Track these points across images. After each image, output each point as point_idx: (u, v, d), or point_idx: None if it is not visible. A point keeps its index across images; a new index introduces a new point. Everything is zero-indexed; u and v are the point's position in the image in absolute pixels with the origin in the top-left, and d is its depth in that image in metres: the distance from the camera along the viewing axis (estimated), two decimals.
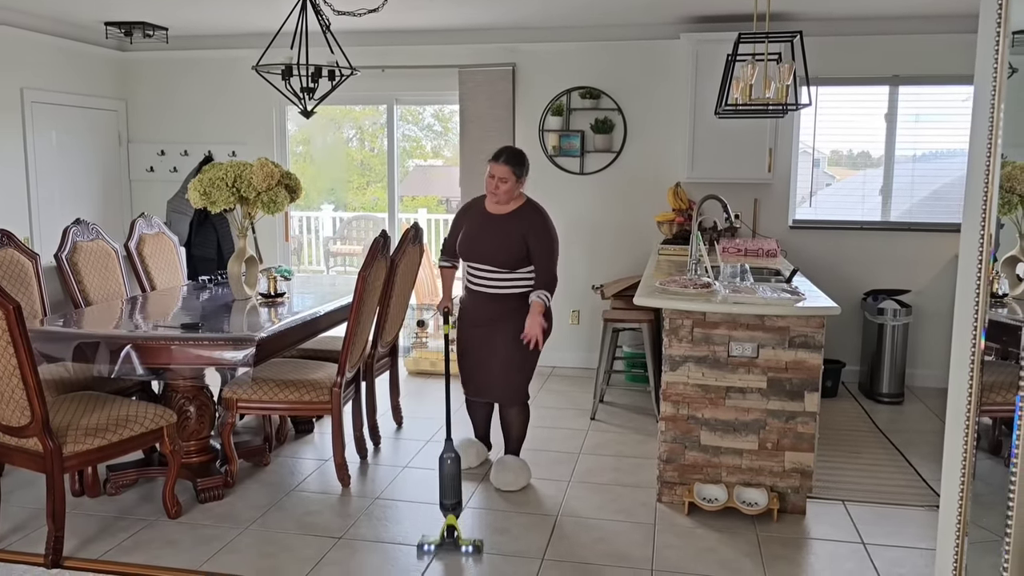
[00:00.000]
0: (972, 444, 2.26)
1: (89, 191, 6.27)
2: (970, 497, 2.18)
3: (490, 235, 3.71)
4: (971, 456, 2.28)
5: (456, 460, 3.26)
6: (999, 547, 1.86)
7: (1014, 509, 1.83)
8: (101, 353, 3.38)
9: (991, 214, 2.36)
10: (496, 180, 3.65)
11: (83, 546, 3.22)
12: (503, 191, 3.66)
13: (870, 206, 5.82)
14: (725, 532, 3.38)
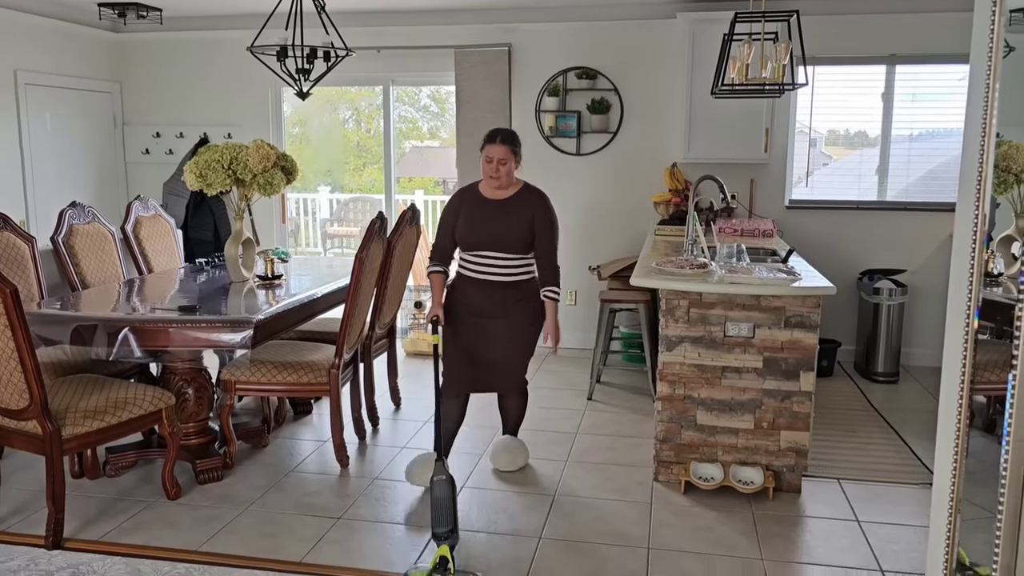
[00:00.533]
0: (965, 422, 2.27)
1: (84, 174, 6.25)
2: (963, 474, 2.20)
3: (497, 220, 3.56)
4: (964, 434, 2.30)
5: (450, 483, 2.96)
6: (991, 524, 1.89)
7: (1006, 486, 1.84)
8: (99, 336, 3.38)
9: (985, 193, 2.37)
10: (496, 163, 3.52)
11: (83, 527, 3.24)
12: (504, 173, 3.53)
13: (866, 186, 5.82)
14: (721, 510, 3.41)
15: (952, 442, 2.28)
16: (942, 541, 2.32)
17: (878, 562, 3.00)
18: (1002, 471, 1.96)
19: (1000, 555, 1.37)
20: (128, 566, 2.92)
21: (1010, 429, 2.01)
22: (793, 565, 2.98)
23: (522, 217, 3.57)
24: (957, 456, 2.27)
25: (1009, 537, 1.53)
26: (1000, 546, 1.70)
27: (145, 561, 2.96)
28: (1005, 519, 1.49)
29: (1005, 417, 2.01)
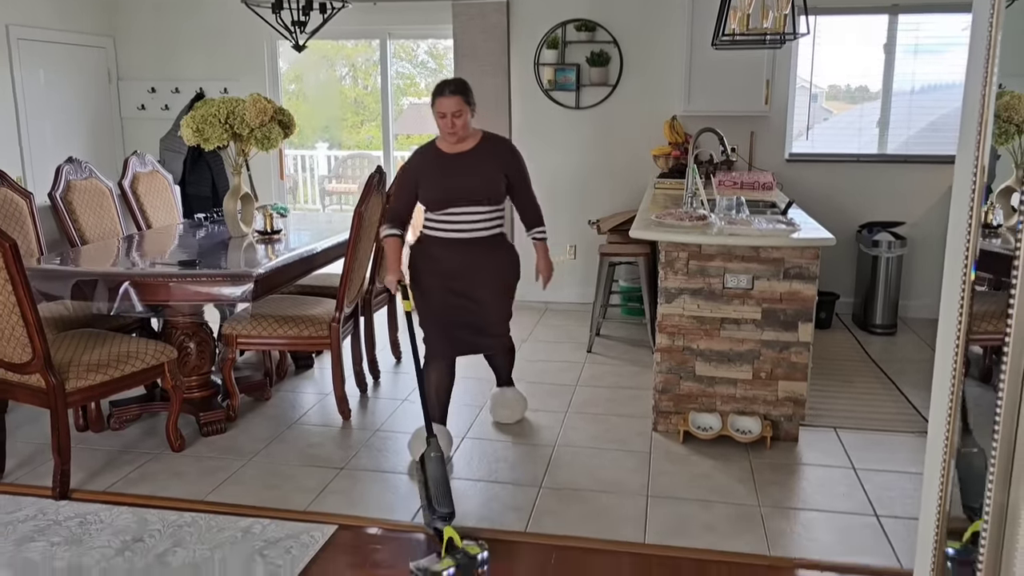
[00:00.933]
0: (961, 370, 2.29)
1: (80, 130, 6.20)
2: (958, 423, 2.22)
3: (464, 174, 3.35)
4: (959, 381, 2.32)
5: (442, 459, 2.87)
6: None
7: (999, 433, 1.86)
8: (100, 291, 3.39)
9: (985, 143, 2.36)
10: (450, 117, 3.26)
11: (89, 479, 3.29)
12: (461, 125, 3.29)
13: (867, 139, 5.78)
14: (719, 459, 3.46)
15: (948, 389, 2.31)
16: (935, 487, 2.36)
17: (873, 508, 3.05)
18: (995, 417, 1.98)
19: (992, 495, 1.39)
20: (135, 515, 2.97)
21: (1005, 377, 2.02)
22: (790, 511, 3.03)
23: (490, 167, 3.39)
24: (952, 402, 2.30)
25: (1001, 484, 1.55)
26: (992, 493, 1.74)
27: (152, 511, 3.01)
28: (998, 466, 1.52)
29: (1000, 367, 2.03)
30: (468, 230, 3.39)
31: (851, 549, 2.77)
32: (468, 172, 3.36)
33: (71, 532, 2.85)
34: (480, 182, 3.36)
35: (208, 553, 2.71)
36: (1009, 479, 1.43)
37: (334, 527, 2.88)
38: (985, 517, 1.37)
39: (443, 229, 3.40)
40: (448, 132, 3.31)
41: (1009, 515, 1.35)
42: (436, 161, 3.40)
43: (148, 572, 2.61)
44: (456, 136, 3.33)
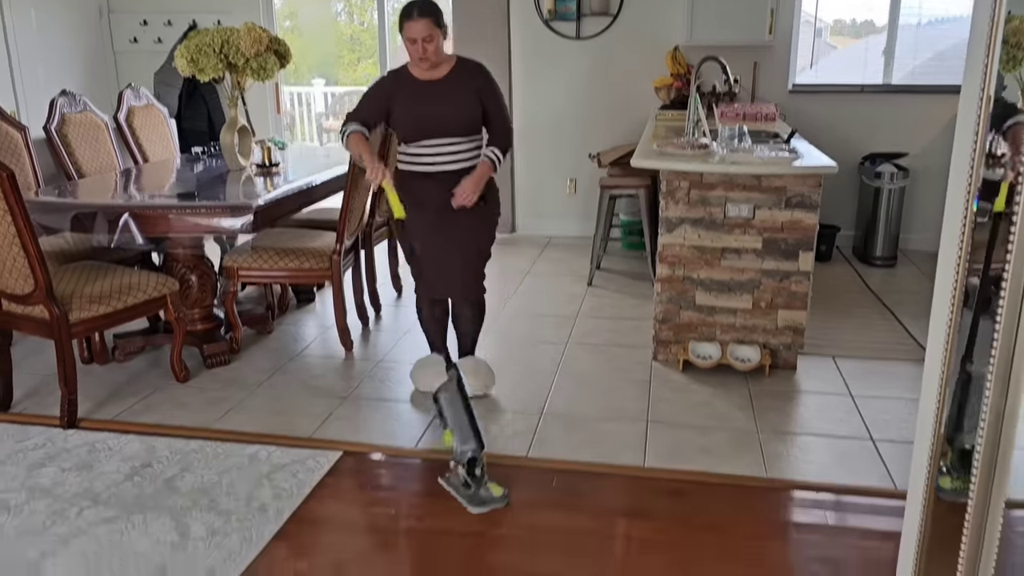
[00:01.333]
0: (960, 295, 2.30)
1: (73, 66, 6.10)
2: (955, 346, 2.24)
3: (439, 102, 3.12)
4: (959, 305, 2.33)
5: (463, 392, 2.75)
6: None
7: (995, 358, 1.88)
8: (99, 223, 3.38)
9: (992, 69, 2.32)
10: (420, 42, 3.00)
11: (96, 409, 3.33)
12: (432, 51, 3.02)
13: (872, 70, 5.69)
14: (718, 387, 3.50)
15: (946, 315, 2.32)
16: (932, 409, 2.39)
17: (869, 432, 3.09)
18: (993, 342, 1.99)
19: (988, 413, 1.41)
20: (143, 443, 3.01)
21: (1004, 304, 2.03)
22: (787, 436, 3.08)
23: (466, 94, 3.14)
24: (950, 328, 2.31)
25: (996, 407, 1.57)
26: (986, 418, 1.75)
27: (159, 438, 3.05)
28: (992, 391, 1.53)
29: (999, 295, 2.03)
30: (443, 163, 3.16)
31: (847, 471, 2.82)
32: (441, 101, 3.12)
33: (80, 459, 2.90)
34: (454, 111, 3.13)
35: (216, 477, 2.76)
36: (1005, 399, 1.45)
37: (339, 453, 2.93)
38: (982, 424, 1.39)
39: (417, 163, 3.18)
40: (419, 59, 3.06)
41: (1006, 422, 1.37)
42: (409, 88, 3.15)
43: (158, 495, 2.66)
44: (428, 63, 3.07)
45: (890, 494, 2.67)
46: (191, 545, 2.39)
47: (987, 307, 1.72)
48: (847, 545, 2.41)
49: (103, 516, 2.54)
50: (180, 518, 2.53)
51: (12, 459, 2.90)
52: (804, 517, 2.57)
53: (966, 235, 2.30)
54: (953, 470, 2.22)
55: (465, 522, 2.54)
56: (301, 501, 2.63)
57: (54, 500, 2.63)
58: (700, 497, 2.66)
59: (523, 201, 6.21)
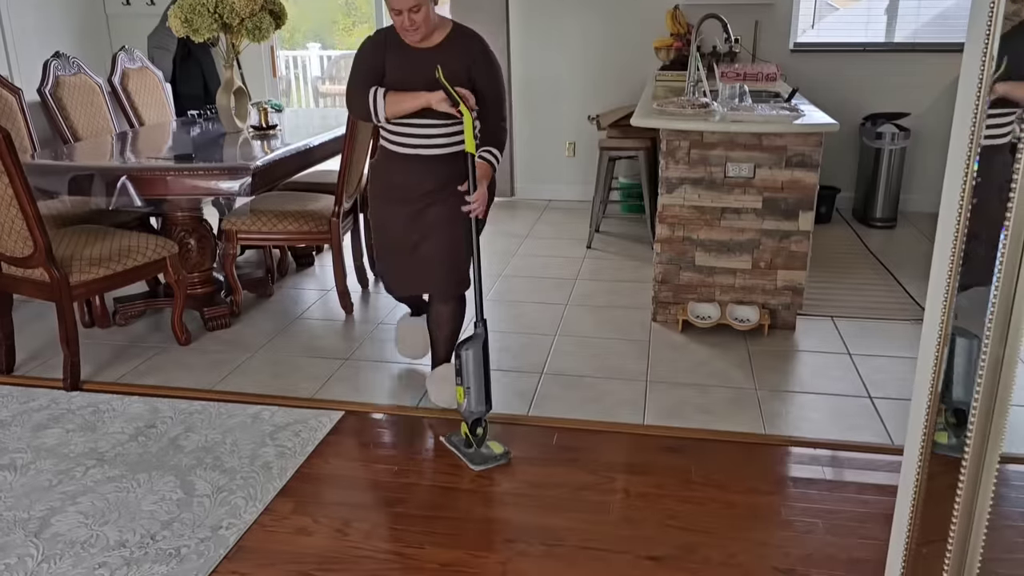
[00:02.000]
0: (959, 255, 2.30)
1: (64, 28, 6.03)
2: (953, 305, 2.25)
3: (424, 71, 2.70)
4: (957, 265, 2.33)
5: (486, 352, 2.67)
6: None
7: (997, 294, 1.88)
8: (96, 185, 3.37)
9: (997, 24, 2.30)
10: (407, 14, 2.60)
11: (98, 371, 3.35)
12: (422, 20, 2.63)
13: (874, 30, 5.63)
14: (717, 347, 3.52)
15: (946, 271, 2.33)
16: (930, 364, 2.41)
17: (867, 389, 3.12)
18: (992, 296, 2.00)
19: (989, 348, 1.42)
20: (146, 404, 3.04)
21: (1001, 269, 2.03)
22: (785, 394, 3.10)
23: (459, 66, 2.74)
24: (949, 284, 2.32)
25: (993, 365, 1.58)
26: (982, 376, 1.77)
27: (162, 400, 3.07)
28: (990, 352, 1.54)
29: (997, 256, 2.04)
30: (429, 145, 2.79)
31: (844, 428, 2.85)
32: (429, 74, 2.68)
33: (85, 420, 2.92)
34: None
35: (219, 437, 2.79)
36: (1001, 359, 1.46)
37: (341, 412, 2.96)
38: (980, 372, 1.40)
39: (400, 143, 2.81)
40: (406, 31, 2.67)
41: (1004, 371, 1.38)
42: (399, 53, 2.75)
43: (163, 454, 2.68)
44: (419, 34, 2.68)
45: (887, 450, 2.70)
46: (196, 502, 2.42)
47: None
48: (844, 499, 2.44)
49: (108, 475, 2.57)
50: (184, 476, 2.56)
51: (17, 420, 2.93)
52: (802, 472, 2.60)
53: (966, 196, 2.30)
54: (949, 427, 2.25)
55: (467, 479, 2.57)
56: (304, 459, 2.66)
57: (60, 459, 2.66)
58: (699, 453, 2.69)
59: (522, 164, 6.18)
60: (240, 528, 2.30)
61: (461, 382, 2.66)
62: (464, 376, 2.64)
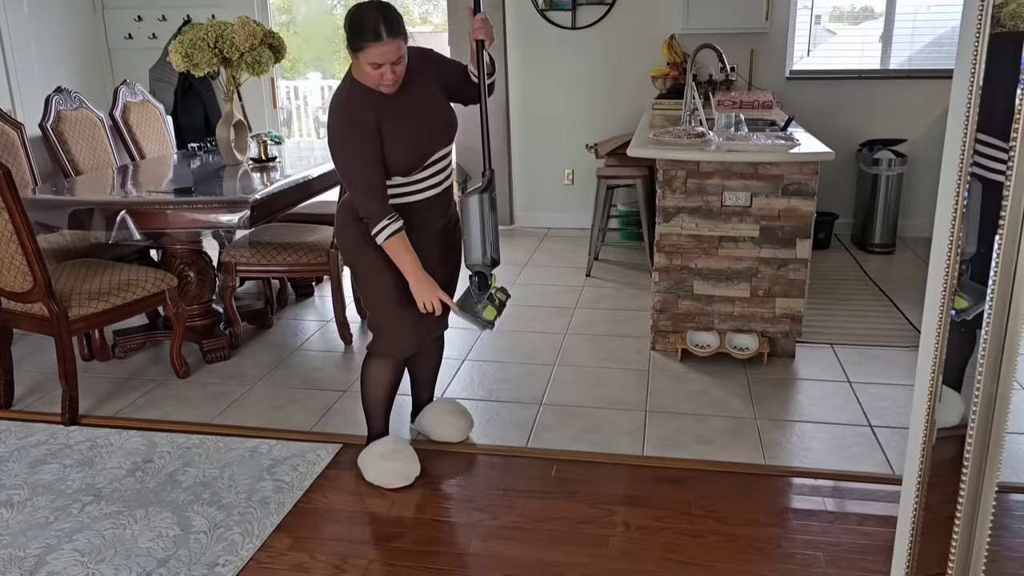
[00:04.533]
0: (952, 283, 2.30)
1: (67, 61, 6.09)
2: (947, 334, 2.25)
3: (426, 111, 2.51)
4: (950, 295, 2.33)
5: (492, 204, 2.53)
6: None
7: (988, 331, 1.88)
8: (96, 219, 3.38)
9: (981, 55, 2.32)
10: (388, 67, 2.35)
11: (97, 405, 3.34)
12: (401, 72, 2.40)
13: (869, 56, 5.68)
14: (717, 376, 3.51)
15: (938, 302, 2.33)
16: (925, 393, 2.40)
17: (867, 418, 3.11)
18: (985, 326, 2.00)
19: (982, 386, 1.42)
20: (144, 439, 3.03)
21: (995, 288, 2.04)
22: (785, 423, 3.09)
23: (433, 84, 2.57)
24: (942, 317, 2.32)
25: (989, 386, 1.58)
26: (979, 398, 1.77)
27: (160, 434, 3.06)
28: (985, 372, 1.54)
29: (991, 274, 2.04)
30: (445, 177, 2.65)
31: (845, 457, 2.83)
32: (426, 109, 2.51)
33: (82, 455, 2.91)
34: (442, 117, 2.57)
35: (217, 472, 2.78)
36: (997, 378, 1.46)
37: (339, 445, 2.94)
38: (974, 409, 1.40)
39: (419, 192, 2.57)
40: (387, 84, 2.39)
41: (998, 407, 1.38)
42: (391, 109, 2.45)
43: (160, 490, 2.67)
44: (398, 83, 2.42)
45: (888, 480, 2.68)
46: (193, 539, 2.41)
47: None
48: (845, 531, 2.42)
49: (105, 511, 2.55)
50: (182, 512, 2.54)
51: (15, 456, 2.92)
52: (802, 503, 2.58)
53: (957, 222, 2.30)
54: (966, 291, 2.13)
55: (465, 512, 2.55)
56: (302, 493, 2.65)
57: (57, 496, 2.65)
58: (698, 484, 2.67)
59: (520, 192, 6.20)
60: (237, 565, 2.29)
61: (491, 300, 2.58)
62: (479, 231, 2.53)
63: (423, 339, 2.72)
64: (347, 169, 2.46)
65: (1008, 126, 1.44)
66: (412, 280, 2.50)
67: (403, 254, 2.47)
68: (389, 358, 2.69)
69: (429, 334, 2.74)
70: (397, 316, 2.59)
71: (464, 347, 3.86)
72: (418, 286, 2.50)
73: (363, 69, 2.37)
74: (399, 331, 2.63)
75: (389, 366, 2.70)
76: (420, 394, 3.02)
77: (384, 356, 2.69)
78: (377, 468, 2.70)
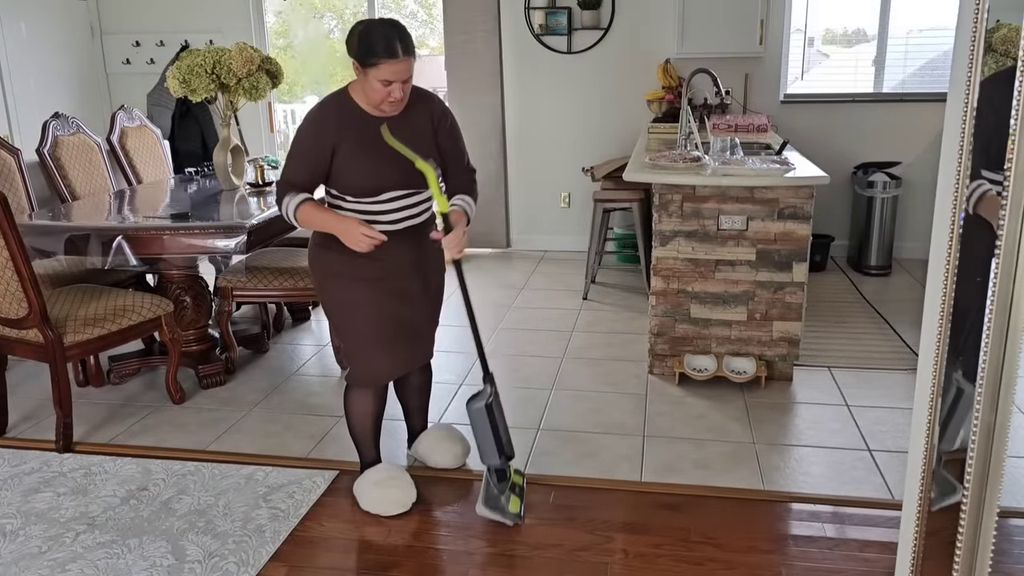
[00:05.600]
0: (949, 306, 2.31)
1: (65, 86, 6.12)
2: (945, 356, 2.25)
3: (404, 144, 2.41)
4: (947, 317, 2.33)
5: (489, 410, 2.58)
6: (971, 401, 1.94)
7: (986, 362, 1.88)
8: (93, 245, 3.38)
9: (975, 78, 2.34)
10: (398, 85, 2.35)
11: (92, 432, 3.32)
12: (407, 92, 2.41)
13: (863, 79, 5.73)
14: (714, 400, 3.50)
15: (936, 325, 2.33)
16: (924, 419, 2.40)
17: (866, 442, 3.10)
18: (984, 347, 2.00)
19: (981, 415, 1.41)
20: (139, 466, 3.00)
21: (992, 314, 2.04)
22: (783, 448, 3.08)
23: (424, 129, 2.53)
24: (940, 338, 2.32)
25: (988, 410, 1.58)
26: (979, 419, 1.77)
27: (155, 461, 3.04)
28: (984, 395, 1.54)
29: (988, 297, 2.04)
30: (406, 218, 2.55)
31: (844, 482, 2.82)
32: (404, 142, 2.41)
33: (76, 483, 2.89)
34: (422, 154, 2.45)
35: (212, 499, 2.75)
36: (996, 402, 1.45)
37: (335, 472, 2.92)
38: (973, 437, 1.39)
39: (385, 219, 2.51)
40: (393, 103, 2.39)
41: (996, 435, 1.37)
42: (359, 126, 2.42)
43: (154, 518, 2.65)
44: (402, 106, 2.43)
45: (888, 505, 2.67)
46: (187, 568, 2.38)
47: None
48: (845, 557, 2.40)
49: (99, 540, 2.53)
50: (176, 541, 2.52)
51: (8, 484, 2.89)
52: (802, 529, 2.57)
53: (954, 245, 2.30)
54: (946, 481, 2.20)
55: (463, 540, 2.53)
56: (298, 521, 2.62)
57: (50, 525, 2.62)
58: (697, 510, 2.65)
59: (517, 215, 6.22)
60: None
61: (512, 488, 2.62)
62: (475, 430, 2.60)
63: (401, 365, 2.67)
64: (288, 155, 2.50)
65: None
66: (337, 231, 2.42)
67: (316, 215, 2.44)
68: (368, 387, 2.66)
69: (410, 360, 2.70)
70: (370, 344, 2.58)
71: (460, 372, 3.85)
72: (345, 235, 2.41)
73: (371, 85, 2.36)
74: (374, 359, 2.60)
75: (370, 395, 2.67)
76: (413, 423, 3.00)
77: (363, 385, 2.66)
78: (373, 496, 2.68)
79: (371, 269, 2.52)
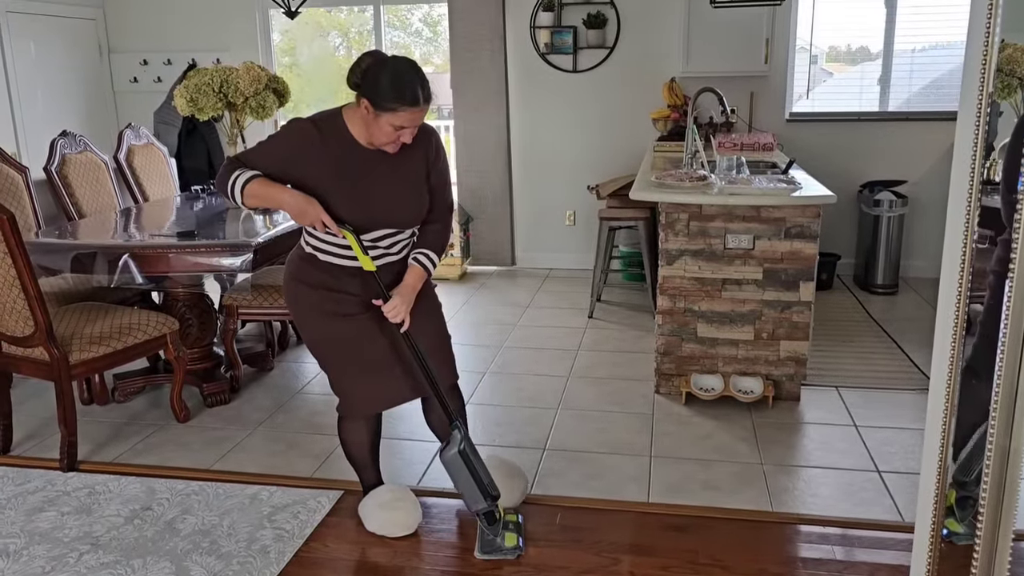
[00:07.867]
0: (962, 325, 2.29)
1: (73, 104, 6.16)
2: (958, 375, 2.23)
3: (389, 182, 2.38)
4: (960, 336, 2.31)
5: (464, 456, 2.45)
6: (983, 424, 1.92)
7: (1000, 386, 1.86)
8: (99, 263, 3.38)
9: (986, 96, 2.34)
10: (408, 130, 2.30)
11: (96, 450, 3.31)
12: (413, 135, 2.34)
13: (868, 98, 5.74)
14: (721, 419, 3.48)
15: (948, 345, 2.31)
16: (937, 441, 2.37)
17: (875, 463, 3.07)
18: (997, 371, 1.99)
19: (995, 439, 1.40)
20: (143, 485, 2.99)
21: (1007, 329, 2.02)
22: (792, 468, 3.05)
23: (416, 168, 2.44)
24: (953, 359, 2.30)
25: (1003, 433, 1.57)
26: (993, 444, 1.75)
27: (159, 480, 3.02)
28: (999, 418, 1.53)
29: (1002, 316, 2.03)
30: (395, 252, 2.48)
31: (853, 503, 2.79)
32: (392, 181, 2.37)
33: (80, 502, 2.87)
34: (408, 197, 2.41)
35: (217, 519, 2.74)
36: (1011, 426, 1.44)
37: (340, 492, 2.90)
38: (987, 461, 1.38)
39: (349, 256, 2.41)
40: (396, 144, 2.33)
41: (1011, 459, 1.36)
42: (348, 155, 2.34)
43: (158, 539, 2.63)
44: (399, 145, 2.35)
45: (897, 527, 2.64)
46: None
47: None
48: None
49: (103, 561, 2.51)
50: (180, 562, 2.50)
51: (12, 503, 2.88)
52: (811, 552, 2.54)
53: (967, 262, 2.29)
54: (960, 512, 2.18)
55: (468, 561, 2.51)
56: (303, 542, 2.60)
57: (54, 544, 2.60)
58: (705, 532, 2.63)
59: (522, 233, 6.22)
60: None
61: (504, 526, 2.53)
62: (466, 480, 2.47)
63: (392, 395, 2.56)
64: (255, 145, 2.43)
65: None
66: (289, 206, 2.32)
67: (265, 190, 2.33)
68: (356, 418, 2.62)
69: (400, 391, 2.56)
70: (352, 377, 2.53)
71: (466, 391, 3.83)
72: (302, 215, 2.32)
73: (380, 127, 2.26)
74: (358, 391, 2.54)
75: (361, 425, 2.62)
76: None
77: (351, 417, 2.61)
78: (378, 518, 2.65)
79: (348, 304, 2.44)
